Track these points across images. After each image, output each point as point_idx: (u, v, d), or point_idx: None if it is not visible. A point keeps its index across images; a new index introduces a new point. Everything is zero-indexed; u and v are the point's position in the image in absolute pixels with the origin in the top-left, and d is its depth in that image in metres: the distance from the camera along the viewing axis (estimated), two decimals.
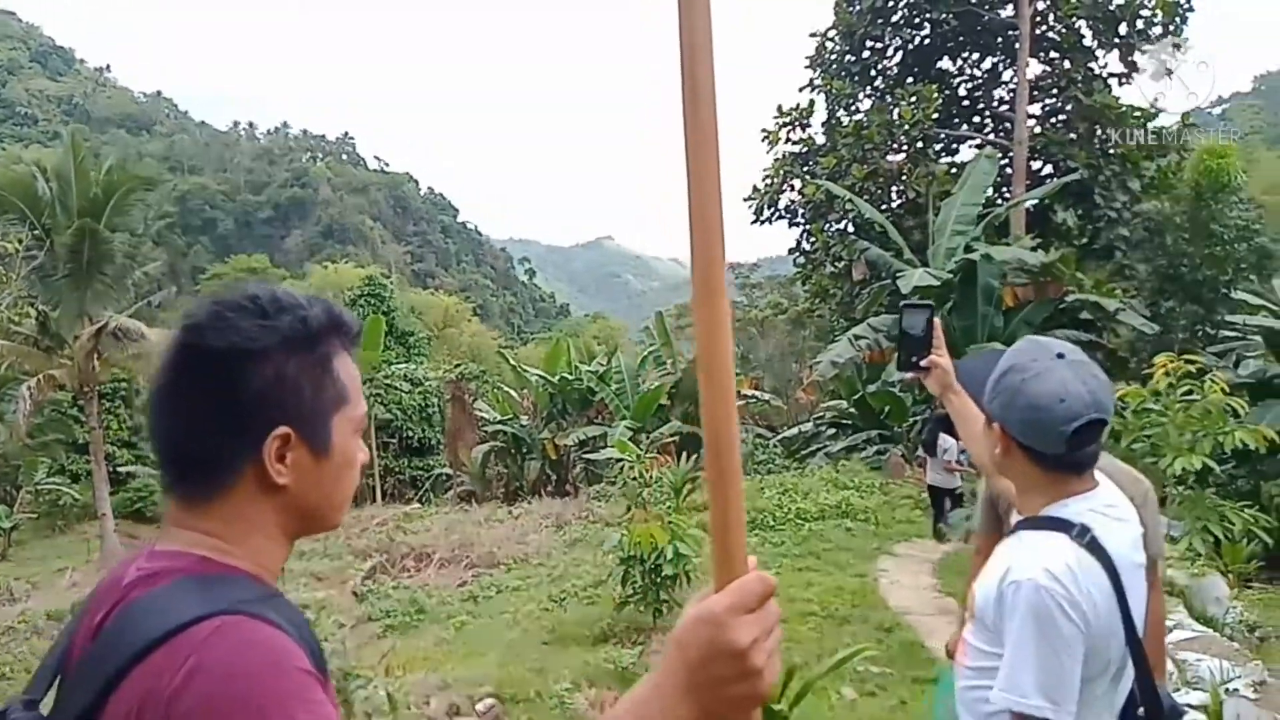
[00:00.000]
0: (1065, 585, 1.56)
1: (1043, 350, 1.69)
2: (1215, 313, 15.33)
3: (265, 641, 0.79)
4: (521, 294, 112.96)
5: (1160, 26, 17.83)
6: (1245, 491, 10.23)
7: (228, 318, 0.89)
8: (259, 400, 0.88)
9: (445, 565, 10.76)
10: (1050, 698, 1.53)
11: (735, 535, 0.76)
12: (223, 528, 0.89)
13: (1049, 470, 1.68)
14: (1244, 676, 5.02)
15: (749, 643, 0.73)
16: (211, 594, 0.82)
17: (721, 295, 0.77)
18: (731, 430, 0.77)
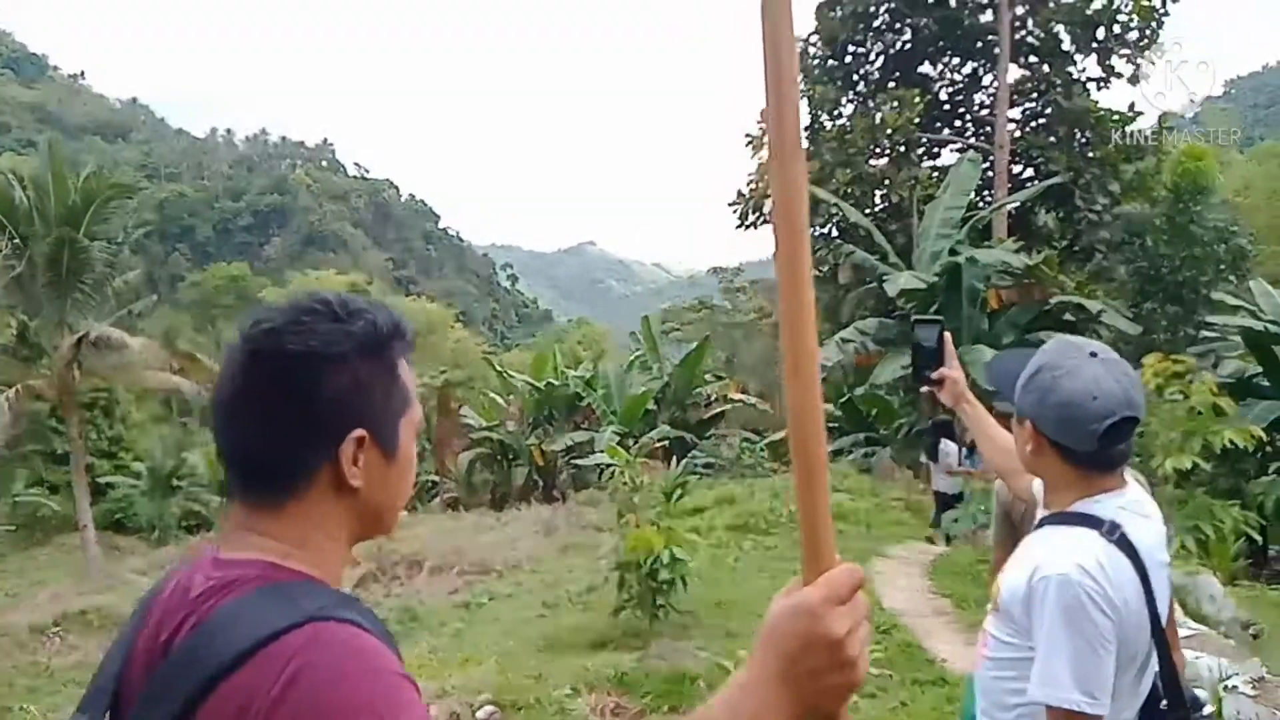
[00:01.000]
0: (1097, 579, 1.57)
1: (1075, 349, 1.71)
2: (1195, 314, 15.55)
3: (361, 646, 0.80)
4: (504, 300, 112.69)
5: (1137, 31, 18.09)
6: (1226, 490, 10.37)
7: (305, 321, 0.90)
8: (337, 403, 0.89)
9: (436, 573, 10.70)
10: (1087, 691, 1.54)
11: (823, 528, 0.78)
12: (292, 532, 0.89)
13: (1080, 468, 1.69)
14: (1242, 674, 5.07)
15: (844, 633, 0.74)
16: (297, 601, 0.82)
17: (807, 293, 0.78)
18: (818, 425, 0.78)
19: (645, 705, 5.54)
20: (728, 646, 6.18)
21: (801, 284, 0.77)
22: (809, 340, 0.77)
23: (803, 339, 0.77)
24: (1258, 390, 12.02)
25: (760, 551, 9.79)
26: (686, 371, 20.77)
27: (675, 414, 20.50)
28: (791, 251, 0.77)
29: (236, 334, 0.93)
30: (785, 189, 0.78)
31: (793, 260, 0.77)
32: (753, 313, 30.78)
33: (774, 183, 0.78)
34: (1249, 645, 6.11)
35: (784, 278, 0.78)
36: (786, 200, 0.78)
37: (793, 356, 0.77)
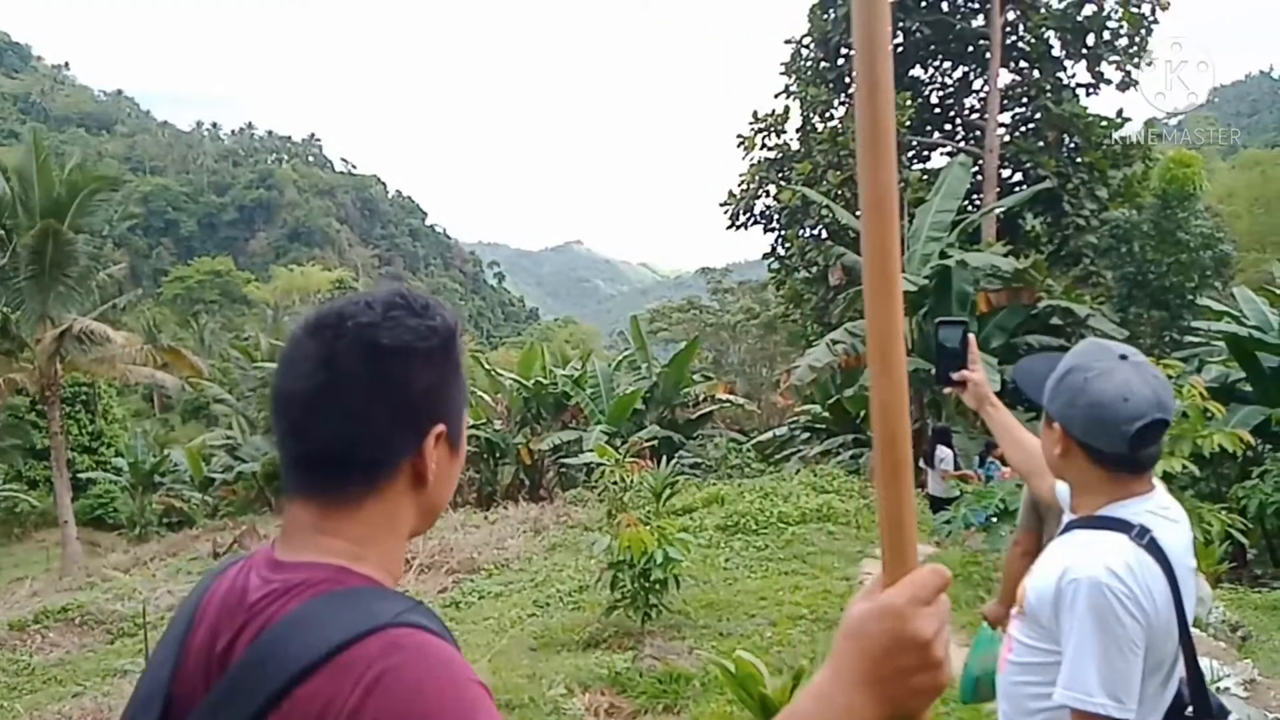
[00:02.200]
0: (1126, 583, 1.56)
1: (1106, 351, 1.71)
2: (1181, 319, 15.71)
3: (441, 654, 0.79)
4: (490, 298, 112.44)
5: (1126, 39, 18.25)
6: (1210, 494, 10.48)
7: (395, 316, 0.89)
8: (425, 397, 0.89)
9: (425, 571, 10.64)
10: (1114, 695, 1.53)
11: (908, 529, 0.77)
12: (366, 531, 0.88)
13: (1110, 470, 1.68)
14: (1234, 675, 5.11)
15: (932, 634, 0.74)
16: (371, 606, 0.81)
17: (896, 288, 0.78)
18: (905, 423, 0.77)
19: (640, 705, 5.53)
20: (720, 646, 6.19)
21: (891, 284, 0.77)
22: (898, 340, 0.77)
23: (892, 339, 0.77)
24: (1240, 395, 12.15)
25: (750, 552, 9.79)
26: (675, 371, 20.76)
27: (663, 414, 20.49)
28: (881, 251, 0.77)
29: (304, 326, 0.90)
30: (875, 187, 0.77)
31: (882, 255, 0.77)
32: (740, 313, 30.83)
33: (863, 180, 0.77)
34: (1238, 647, 6.17)
35: (872, 273, 0.77)
36: (876, 199, 0.77)
37: (880, 355, 0.77)
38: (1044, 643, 1.68)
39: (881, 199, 0.77)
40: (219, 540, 16.60)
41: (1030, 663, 1.72)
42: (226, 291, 67.28)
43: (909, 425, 0.78)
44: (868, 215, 0.77)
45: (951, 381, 2.20)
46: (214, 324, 53.85)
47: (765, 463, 18.75)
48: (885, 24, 0.76)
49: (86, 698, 7.48)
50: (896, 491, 0.77)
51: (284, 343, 0.94)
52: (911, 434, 0.77)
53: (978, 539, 9.50)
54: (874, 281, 0.77)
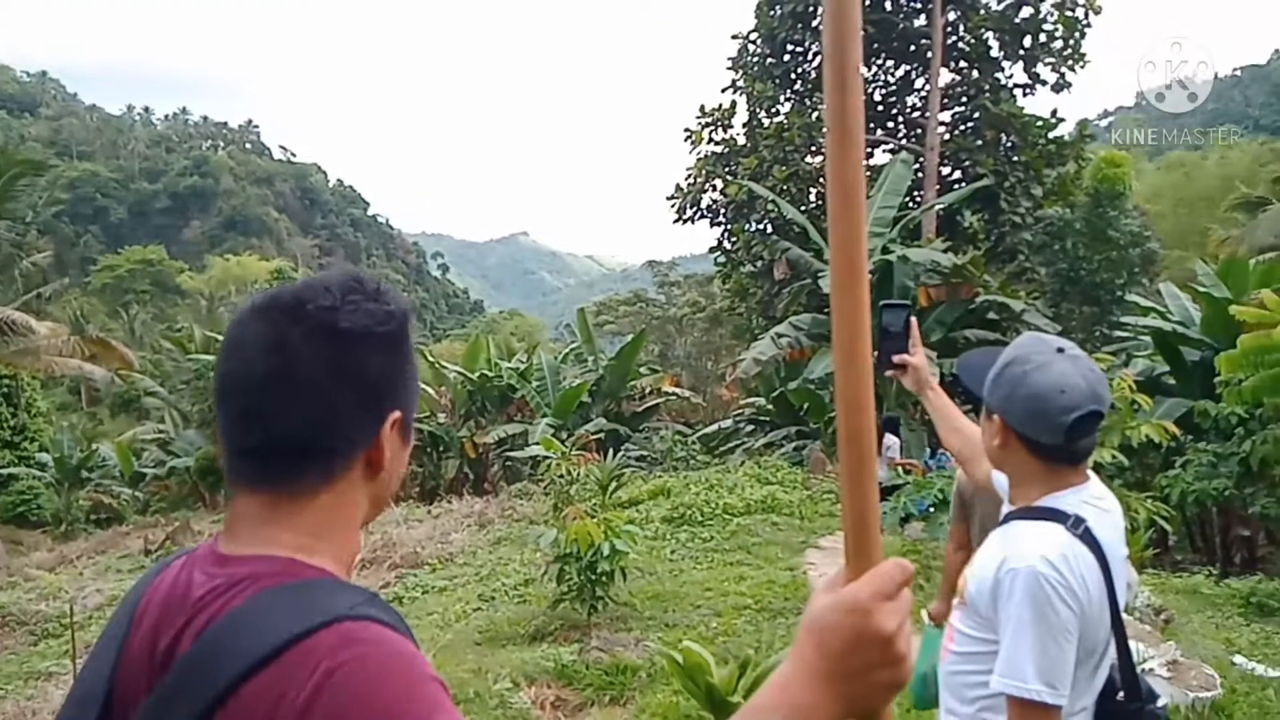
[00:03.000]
0: (1062, 573, 1.60)
1: (1044, 345, 1.73)
2: (1110, 314, 16.25)
3: (397, 649, 0.76)
4: (434, 289, 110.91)
5: (1061, 41, 18.78)
6: (1135, 483, 10.87)
7: (354, 300, 0.86)
8: (383, 384, 0.87)
9: (367, 566, 10.46)
10: (1049, 682, 1.57)
11: (871, 523, 0.76)
12: (320, 522, 0.85)
13: (1047, 461, 1.72)
14: (1158, 657, 5.31)
15: (894, 629, 0.73)
16: (323, 599, 0.78)
17: (863, 280, 0.77)
18: (870, 418, 0.77)
19: (587, 697, 5.53)
20: (666, 638, 6.21)
21: (858, 277, 0.76)
22: (863, 333, 0.76)
23: (858, 333, 0.76)
24: (1165, 388, 12.63)
25: (696, 543, 9.85)
26: (621, 364, 20.76)
27: (609, 407, 20.48)
28: (847, 239, 0.76)
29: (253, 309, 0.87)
30: (843, 179, 0.76)
31: (848, 248, 0.76)
32: (687, 307, 30.95)
33: (831, 172, 0.76)
34: (1162, 630, 6.41)
35: (838, 266, 0.76)
36: (844, 191, 0.76)
37: (846, 349, 0.76)
38: (983, 632, 1.71)
39: (849, 191, 0.76)
40: (151, 537, 16.10)
41: (970, 652, 1.75)
42: (159, 281, 65.19)
43: (874, 420, 0.78)
44: (835, 207, 0.76)
45: (893, 365, 2.19)
46: (145, 315, 52.16)
47: (711, 455, 18.89)
48: (856, 14, 0.75)
49: (9, 702, 7.21)
50: (860, 486, 0.76)
51: (226, 328, 0.90)
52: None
53: (916, 527, 9.72)
54: (841, 274, 0.76)
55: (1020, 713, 1.59)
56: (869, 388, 0.76)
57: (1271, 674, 5.65)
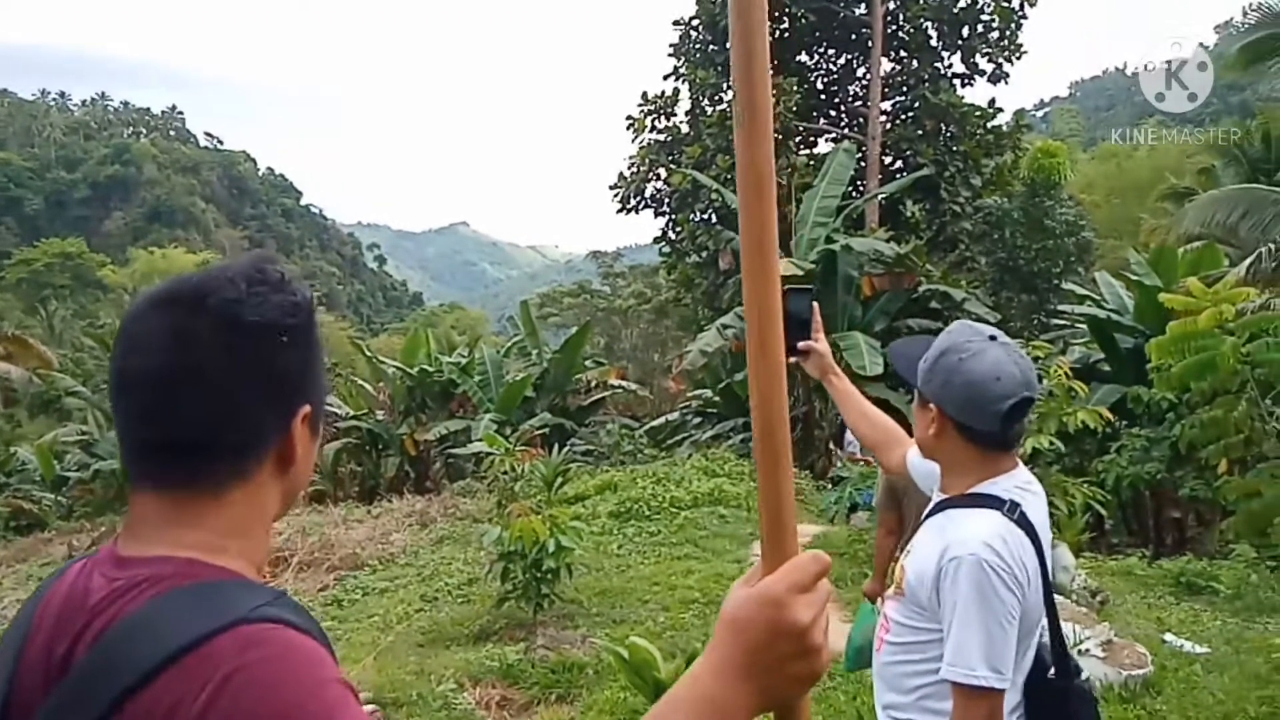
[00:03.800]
0: (1004, 558, 1.62)
1: (977, 333, 1.76)
2: (1048, 302, 16.65)
3: (300, 650, 0.74)
4: (371, 282, 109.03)
5: (998, 31, 19.13)
6: (1073, 468, 11.14)
7: (259, 291, 0.84)
8: (292, 377, 0.86)
9: (304, 569, 10.14)
10: (994, 667, 1.59)
11: (787, 516, 0.77)
12: (232, 521, 0.83)
13: (982, 449, 1.74)
14: (1094, 637, 5.44)
15: (809, 620, 0.74)
16: (224, 601, 0.75)
17: (775, 272, 0.77)
18: (783, 412, 0.78)
19: (533, 696, 5.44)
20: (615, 633, 6.13)
21: (768, 266, 0.77)
22: (775, 323, 0.77)
23: (770, 325, 0.77)
24: (1100, 374, 12.98)
25: (644, 538, 9.80)
26: (566, 358, 20.56)
27: (554, 401, 20.27)
28: (758, 235, 0.76)
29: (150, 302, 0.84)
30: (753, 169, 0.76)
31: (759, 240, 0.76)
32: (632, 298, 30.87)
33: (741, 161, 0.76)
34: (1097, 611, 6.57)
35: (749, 261, 0.77)
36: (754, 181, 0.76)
37: (759, 341, 0.77)
38: (923, 621, 1.72)
39: (759, 181, 0.76)
40: (75, 543, 15.44)
41: (909, 642, 1.75)
42: (79, 275, 62.68)
43: (787, 412, 0.78)
44: (745, 197, 0.76)
45: (796, 351, 2.15)
46: (65, 311, 50.05)
47: (658, 448, 18.85)
48: (762, 5, 0.75)
49: None
50: (775, 479, 0.77)
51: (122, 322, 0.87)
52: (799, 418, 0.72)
53: (862, 518, 9.79)
54: (752, 266, 0.77)
55: (967, 699, 1.61)
56: (782, 382, 0.77)
57: (1199, 650, 5.85)
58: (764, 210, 0.76)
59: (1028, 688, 1.75)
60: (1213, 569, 8.86)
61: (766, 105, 0.75)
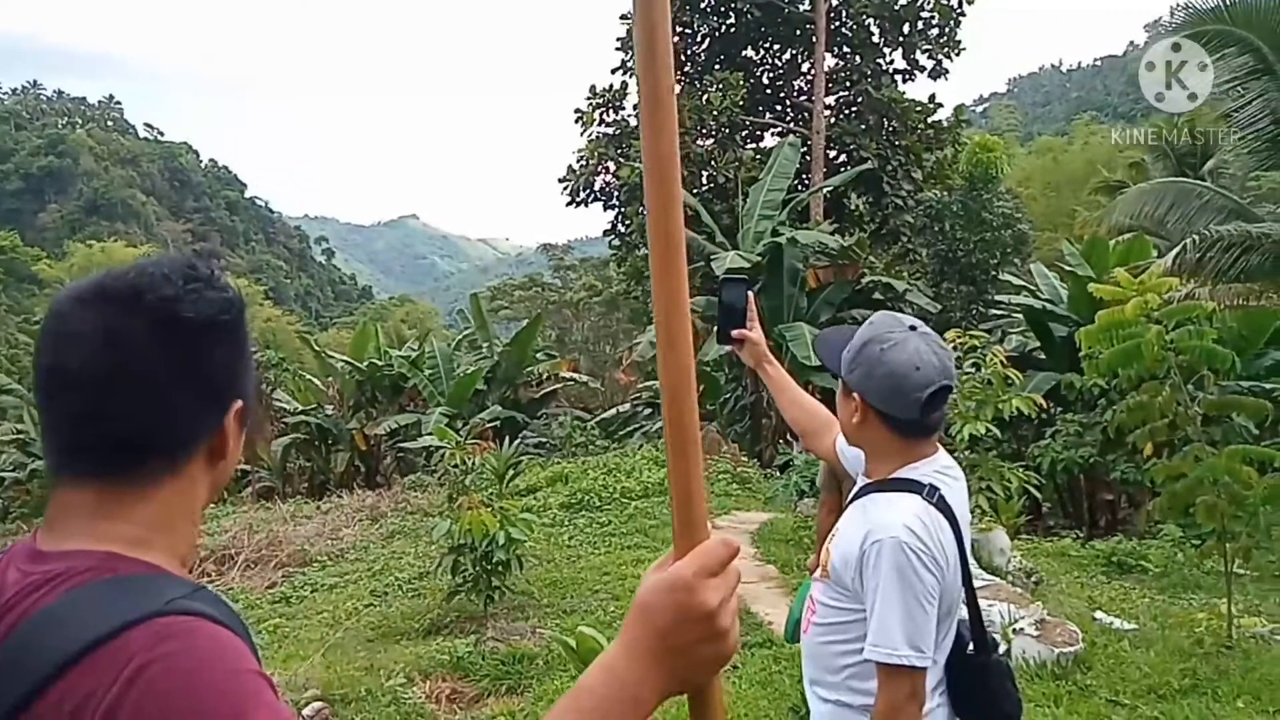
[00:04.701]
0: (923, 540, 1.68)
1: (897, 323, 1.81)
2: (985, 293, 17.08)
3: (214, 642, 0.73)
4: (319, 275, 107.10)
5: (938, 29, 19.50)
6: (1010, 454, 11.48)
7: (194, 288, 0.83)
8: (226, 373, 0.86)
9: (251, 567, 10.01)
10: (915, 646, 1.65)
11: (697, 503, 0.79)
12: (159, 515, 0.82)
13: (903, 435, 1.80)
14: (1027, 617, 5.63)
15: (718, 604, 0.75)
16: (140, 593, 0.74)
17: (681, 266, 0.78)
18: (691, 401, 0.79)
19: (483, 688, 5.47)
20: (565, 624, 6.20)
21: (675, 257, 0.77)
22: (683, 316, 0.77)
23: (676, 314, 0.77)
24: (1036, 363, 13.38)
25: (594, 528, 9.87)
26: (517, 350, 20.50)
27: (506, 394, 20.21)
28: (665, 224, 0.77)
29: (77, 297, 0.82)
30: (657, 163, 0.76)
31: (666, 234, 0.77)
32: (583, 290, 30.84)
33: (646, 156, 0.77)
34: (1031, 591, 6.80)
35: (657, 252, 0.77)
36: (659, 176, 0.77)
37: (666, 333, 0.77)
38: (847, 603, 1.77)
39: (664, 176, 0.76)
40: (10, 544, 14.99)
41: (835, 623, 1.81)
42: (12, 270, 60.47)
43: (695, 403, 0.79)
44: (650, 192, 0.76)
45: (731, 339, 2.19)
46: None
47: (609, 439, 18.90)
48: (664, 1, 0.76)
49: None
50: (684, 466, 0.78)
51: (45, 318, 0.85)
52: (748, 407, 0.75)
53: (808, 504, 9.99)
54: (659, 259, 0.77)
55: (890, 678, 1.66)
56: (690, 372, 0.78)
57: (1127, 627, 6.09)
58: (669, 202, 0.76)
59: (949, 664, 1.81)
60: (1142, 549, 9.25)
61: (670, 96, 0.76)
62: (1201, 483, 5.62)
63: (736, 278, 2.23)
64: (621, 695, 0.74)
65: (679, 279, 0.77)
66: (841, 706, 1.80)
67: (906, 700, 1.65)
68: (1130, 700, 4.89)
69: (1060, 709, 4.82)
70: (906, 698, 1.65)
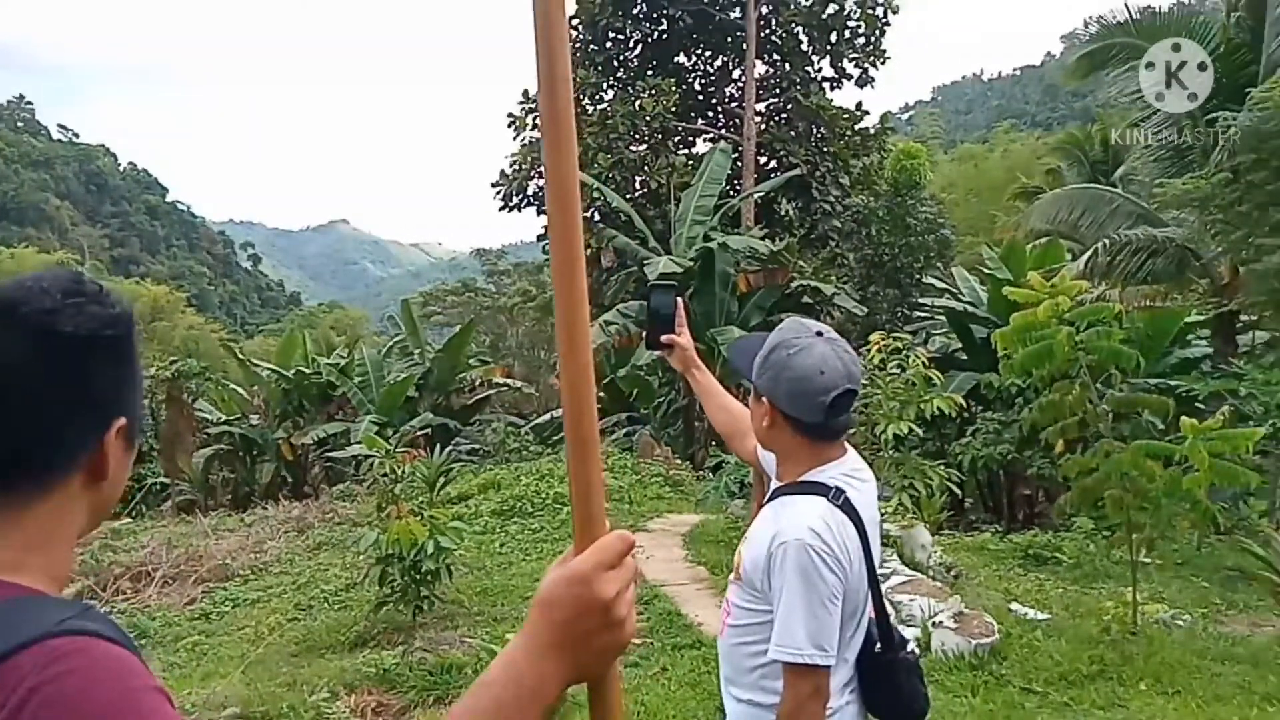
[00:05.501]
0: (827, 542, 1.71)
1: (804, 328, 1.85)
2: (911, 296, 17.54)
3: (110, 662, 0.71)
4: (245, 282, 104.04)
5: (864, 38, 19.96)
6: (933, 452, 11.81)
7: (76, 302, 0.82)
8: (108, 390, 0.84)
9: (169, 583, 9.64)
10: (819, 645, 1.68)
11: (595, 500, 0.82)
12: (34, 535, 0.80)
13: (810, 438, 1.83)
14: (946, 610, 5.80)
15: (613, 595, 0.78)
16: (24, 617, 0.72)
17: (580, 271, 0.80)
18: (590, 402, 0.82)
19: (410, 700, 5.38)
20: (495, 632, 6.15)
21: (574, 265, 0.79)
22: (582, 320, 0.80)
23: (576, 319, 0.79)
24: (958, 363, 13.79)
25: (526, 534, 9.81)
26: (449, 357, 20.26)
27: (438, 400, 19.94)
28: (565, 232, 0.79)
29: None
30: (558, 175, 0.79)
31: (566, 241, 0.79)
32: (517, 296, 30.63)
33: (547, 168, 0.79)
34: (951, 585, 6.99)
35: (557, 259, 0.79)
36: (559, 187, 0.79)
37: (567, 336, 0.80)
38: (758, 604, 1.80)
39: (564, 187, 0.79)
40: None
41: (747, 624, 1.83)
42: None
43: (594, 403, 0.82)
44: (551, 202, 0.79)
45: (660, 345, 2.22)
46: None
47: (544, 445, 18.78)
48: (563, 15, 0.78)
49: None
50: (584, 465, 0.81)
51: None
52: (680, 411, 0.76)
53: (738, 505, 10.10)
54: (560, 266, 0.79)
55: (795, 677, 1.70)
56: (590, 375, 0.81)
57: (1041, 617, 6.31)
58: (569, 218, 0.79)
59: (859, 662, 1.86)
60: (1056, 541, 9.59)
61: (569, 116, 0.78)
62: (1109, 477, 5.87)
63: (665, 284, 2.27)
64: (521, 687, 0.76)
65: (579, 288, 0.79)
66: (754, 706, 1.82)
67: (810, 698, 1.69)
68: (1042, 688, 5.07)
69: (977, 698, 4.97)
70: (810, 696, 1.69)
